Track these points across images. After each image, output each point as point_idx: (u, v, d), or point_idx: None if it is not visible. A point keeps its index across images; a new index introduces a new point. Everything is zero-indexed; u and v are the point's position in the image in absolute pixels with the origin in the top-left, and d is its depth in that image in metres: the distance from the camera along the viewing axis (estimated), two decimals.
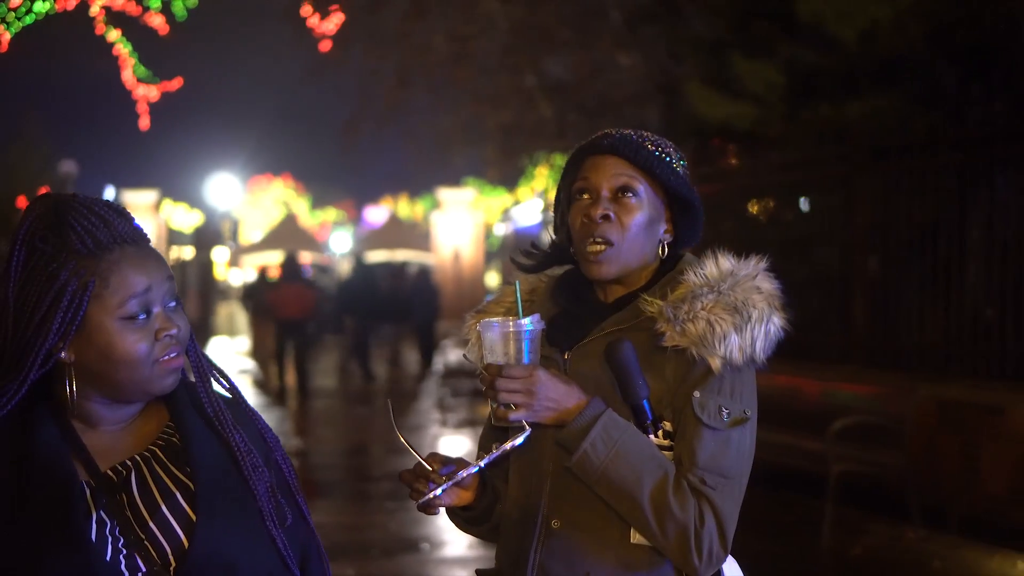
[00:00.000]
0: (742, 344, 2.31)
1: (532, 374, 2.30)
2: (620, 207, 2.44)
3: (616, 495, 2.30)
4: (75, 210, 1.99)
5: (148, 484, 2.01)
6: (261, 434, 2.21)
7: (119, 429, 2.09)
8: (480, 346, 2.48)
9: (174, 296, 2.06)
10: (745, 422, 2.35)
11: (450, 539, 8.46)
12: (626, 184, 2.45)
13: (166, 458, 2.06)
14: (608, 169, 2.46)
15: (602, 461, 2.28)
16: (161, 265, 2.05)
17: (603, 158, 2.48)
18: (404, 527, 8.75)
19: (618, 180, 2.45)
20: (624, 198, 2.45)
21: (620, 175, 2.46)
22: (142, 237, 2.06)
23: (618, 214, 2.43)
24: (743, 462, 2.36)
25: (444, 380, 19.64)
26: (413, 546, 8.25)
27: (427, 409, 16.44)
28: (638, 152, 2.46)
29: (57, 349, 1.97)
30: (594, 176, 2.47)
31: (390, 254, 31.24)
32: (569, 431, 2.31)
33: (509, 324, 2.32)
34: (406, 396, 18.16)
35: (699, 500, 2.29)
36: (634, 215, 2.44)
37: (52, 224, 1.97)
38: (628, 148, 2.46)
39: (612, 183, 2.45)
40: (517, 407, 2.30)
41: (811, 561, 7.79)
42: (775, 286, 2.40)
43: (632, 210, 2.44)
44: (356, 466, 12.27)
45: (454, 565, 7.81)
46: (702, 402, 2.31)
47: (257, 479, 2.09)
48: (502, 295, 2.69)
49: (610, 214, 2.43)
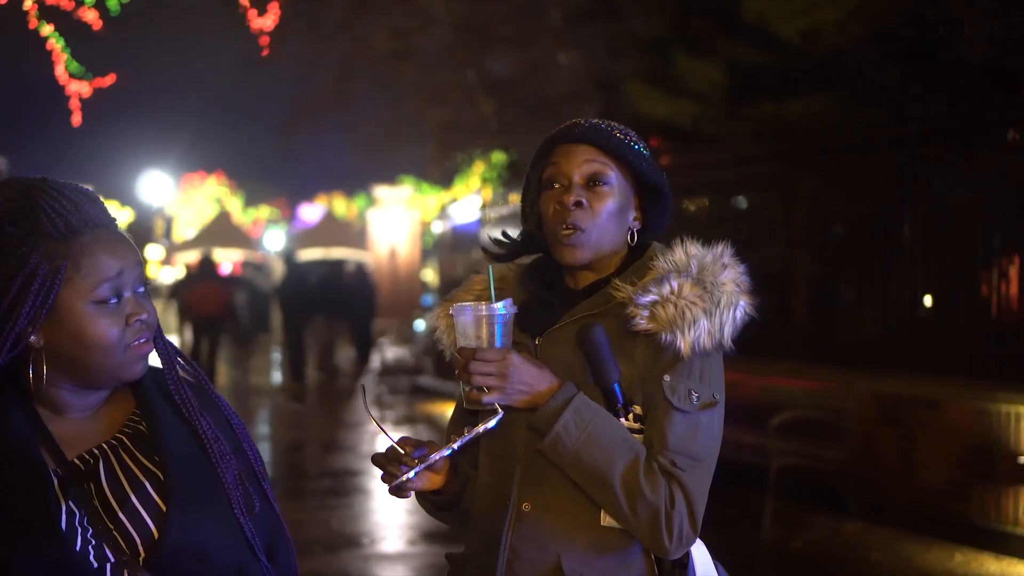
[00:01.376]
0: (711, 329, 2.33)
1: (506, 357, 2.31)
2: (592, 194, 2.46)
3: (588, 477, 2.31)
4: (46, 193, 1.95)
5: (116, 473, 1.98)
6: (227, 420, 2.18)
7: (86, 416, 2.06)
8: (451, 332, 2.51)
9: (143, 281, 2.04)
10: (714, 406, 2.38)
11: (390, 535, 8.44)
12: (598, 171, 2.47)
13: (134, 446, 2.03)
14: (579, 156, 2.48)
15: (574, 443, 2.30)
16: (132, 250, 2.02)
17: (574, 146, 2.49)
18: (345, 523, 8.71)
19: (590, 167, 2.47)
20: (596, 186, 2.46)
21: (592, 162, 2.47)
22: (112, 221, 2.03)
23: (590, 201, 2.45)
24: (712, 445, 2.38)
25: (381, 377, 19.58)
26: (355, 542, 8.21)
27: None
28: (609, 140, 2.48)
29: (27, 334, 1.93)
30: (565, 164, 2.48)
31: (325, 252, 31.04)
32: (541, 414, 2.32)
33: (482, 308, 2.33)
34: (343, 394, 18.09)
35: (670, 482, 2.30)
36: (605, 202, 2.46)
37: (22, 207, 1.93)
38: (599, 136, 2.48)
39: (584, 170, 2.47)
40: (490, 390, 2.31)
41: (752, 555, 7.82)
42: (741, 271, 2.44)
43: (603, 197, 2.46)
44: (293, 463, 12.19)
45: (396, 561, 7.79)
46: (672, 386, 2.34)
47: (225, 467, 2.06)
48: (471, 282, 2.69)
49: (582, 201, 2.44)
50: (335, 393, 18.36)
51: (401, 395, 17.26)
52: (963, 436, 7.87)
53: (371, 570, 7.60)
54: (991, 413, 7.69)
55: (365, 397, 2.79)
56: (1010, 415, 7.55)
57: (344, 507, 9.24)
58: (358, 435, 13.43)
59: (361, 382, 18.23)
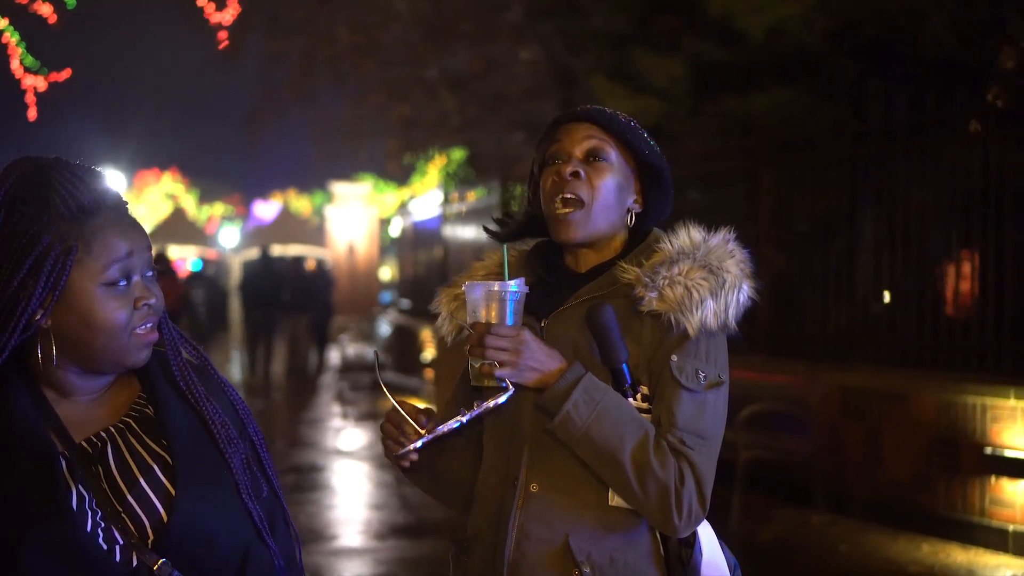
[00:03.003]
0: (717, 309, 2.37)
1: (519, 334, 2.33)
2: (591, 168, 2.48)
3: (598, 456, 2.33)
4: (59, 173, 1.93)
5: (125, 457, 1.97)
6: (233, 405, 2.18)
7: (92, 399, 2.04)
8: (450, 319, 2.59)
9: (151, 266, 2.03)
10: (720, 385, 2.41)
11: (355, 530, 8.44)
12: (597, 146, 2.50)
13: (141, 430, 2.02)
14: (580, 133, 2.51)
15: (584, 422, 2.31)
16: (142, 233, 2.01)
17: (576, 124, 2.53)
18: (310, 519, 8.69)
19: (590, 143, 2.50)
20: (595, 161, 2.49)
21: (592, 138, 2.50)
22: (123, 204, 2.02)
23: (588, 174, 2.47)
24: (718, 424, 2.42)
25: (342, 374, 19.53)
26: (320, 536, 8.19)
27: (327, 402, 16.33)
28: (612, 120, 2.52)
29: (37, 315, 1.91)
30: (567, 140, 2.52)
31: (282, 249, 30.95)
32: (551, 393, 2.33)
33: (494, 286, 2.34)
34: (304, 390, 18.02)
35: (679, 460, 2.33)
36: (604, 176, 2.48)
37: (35, 186, 1.92)
38: (602, 115, 2.53)
39: (584, 146, 2.50)
40: (502, 365, 2.31)
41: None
42: (744, 255, 2.47)
43: (602, 171, 2.49)
44: None
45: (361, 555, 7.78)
46: (680, 365, 2.36)
47: (232, 451, 2.06)
48: (473, 269, 2.72)
49: (580, 172, 2.47)
50: (297, 389, 18.28)
51: (362, 391, 17.22)
52: (929, 428, 7.94)
53: (337, 565, 7.58)
54: (957, 405, 7.76)
55: (378, 363, 2.83)
56: (976, 407, 7.62)
57: (309, 502, 9.21)
58: (321, 431, 13.38)
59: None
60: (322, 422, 14.18)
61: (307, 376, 20.03)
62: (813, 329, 9.50)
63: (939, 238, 8.55)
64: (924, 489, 7.96)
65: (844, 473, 8.54)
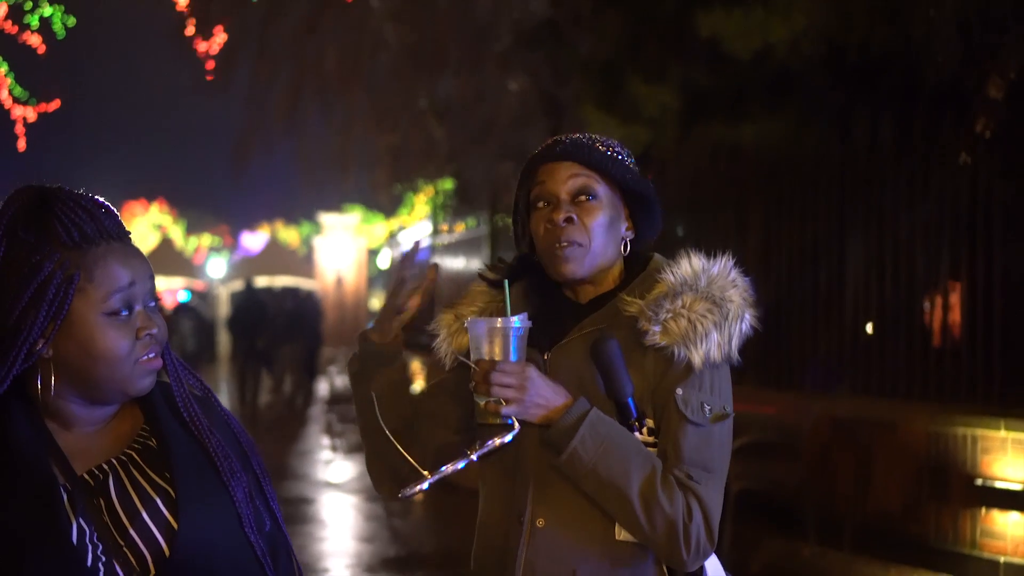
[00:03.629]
0: (721, 341, 2.37)
1: (524, 370, 2.31)
2: (581, 210, 2.46)
3: (605, 491, 2.32)
4: (62, 201, 1.93)
5: (127, 489, 1.94)
6: (236, 437, 2.16)
7: (94, 431, 2.02)
8: (452, 339, 2.57)
9: (154, 296, 2.02)
10: (726, 418, 2.41)
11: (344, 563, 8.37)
12: (583, 185, 2.47)
13: (144, 462, 2.00)
14: (563, 173, 2.48)
15: (591, 458, 2.30)
16: (145, 263, 2.00)
17: (557, 164, 2.50)
18: (301, 552, 8.62)
19: (575, 183, 2.47)
20: (584, 201, 2.47)
21: (576, 177, 2.48)
22: (126, 234, 2.01)
23: (580, 216, 2.45)
24: (724, 456, 2.42)
25: (330, 406, 19.46)
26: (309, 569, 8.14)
27: (315, 434, 16.27)
28: (591, 153, 2.49)
29: (39, 344, 1.90)
30: (550, 182, 2.49)
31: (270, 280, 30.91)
32: (557, 429, 2.32)
33: (497, 322, 2.33)
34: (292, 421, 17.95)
35: (686, 494, 2.32)
36: (595, 216, 2.47)
37: (37, 214, 1.91)
38: (580, 151, 2.49)
39: (569, 187, 2.47)
40: (508, 402, 2.30)
41: None
42: (746, 283, 2.49)
43: (593, 211, 2.47)
44: None
45: None
46: (685, 399, 2.36)
47: (235, 484, 2.04)
48: (472, 294, 2.70)
49: (572, 217, 2.45)
50: (286, 420, 18.21)
51: (351, 423, 17.13)
52: (919, 458, 7.92)
53: None
54: (947, 435, 7.74)
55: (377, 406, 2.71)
56: (966, 437, 7.61)
57: (298, 535, 9.15)
58: (310, 462, 13.33)
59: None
60: (311, 454, 14.13)
61: (295, 407, 19.96)
62: (802, 358, 9.48)
63: (928, 266, 8.55)
64: (914, 520, 7.93)
65: (834, 504, 8.51)
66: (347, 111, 17.87)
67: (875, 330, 9.01)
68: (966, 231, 8.16)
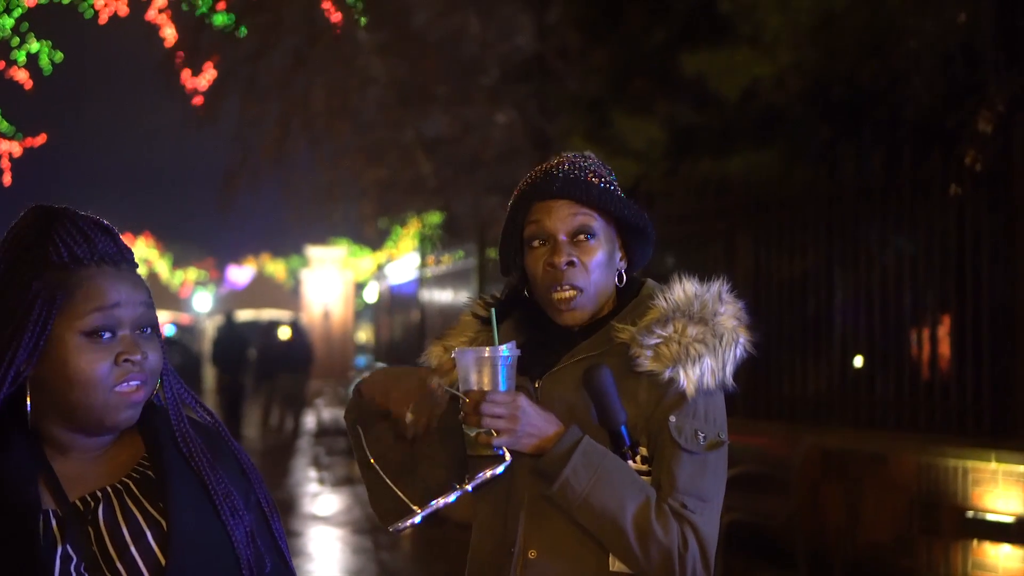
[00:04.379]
0: (714, 367, 2.34)
1: (515, 400, 2.27)
2: (580, 250, 2.42)
3: (598, 522, 2.28)
4: (60, 222, 1.90)
5: (117, 520, 1.88)
6: (244, 472, 2.09)
7: (92, 457, 1.96)
8: (442, 371, 2.50)
9: (151, 324, 1.95)
10: (721, 445, 2.38)
11: None
12: (583, 224, 2.43)
13: (140, 492, 1.94)
14: (561, 212, 2.43)
15: (584, 488, 2.26)
16: (138, 289, 1.95)
17: (554, 202, 2.44)
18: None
19: (574, 222, 2.42)
20: (583, 241, 2.42)
21: (575, 216, 2.42)
22: (124, 259, 1.96)
23: (580, 257, 2.41)
24: (720, 484, 2.38)
25: (318, 438, 19.39)
26: None
27: (303, 467, 16.20)
28: (588, 191, 2.43)
29: (24, 366, 1.86)
30: (548, 221, 2.43)
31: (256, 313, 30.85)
32: (549, 458, 2.29)
33: (485, 351, 2.29)
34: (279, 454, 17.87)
35: (681, 524, 2.28)
36: (595, 256, 2.43)
37: (37, 233, 1.89)
38: (578, 189, 2.43)
39: (568, 226, 2.42)
40: (499, 433, 2.26)
41: None
42: (740, 306, 2.45)
43: (592, 252, 2.43)
44: None
45: None
46: (679, 426, 2.32)
47: (235, 524, 1.97)
48: (463, 324, 2.65)
49: (574, 260, 2.40)
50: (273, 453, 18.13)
51: (339, 456, 17.08)
52: (910, 491, 7.91)
53: None
54: (937, 467, 7.74)
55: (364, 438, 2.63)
56: (957, 469, 7.60)
57: None
58: (297, 495, 13.25)
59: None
60: (298, 487, 14.06)
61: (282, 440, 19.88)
62: (791, 390, 9.49)
63: (917, 299, 8.57)
64: (905, 553, 7.92)
65: (824, 536, 8.50)
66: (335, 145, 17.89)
67: (865, 362, 9.02)
68: (954, 264, 8.18)
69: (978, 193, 8.02)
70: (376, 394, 2.43)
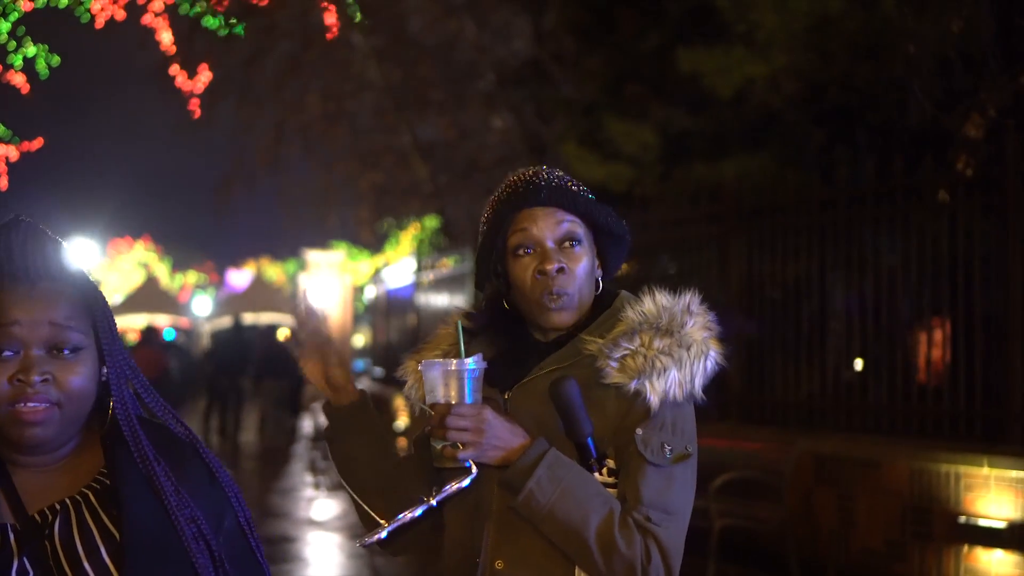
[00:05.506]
0: (682, 380, 2.33)
1: (480, 413, 2.28)
2: (567, 257, 2.44)
3: (562, 533, 2.28)
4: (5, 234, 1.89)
5: (73, 533, 1.85)
6: (222, 488, 2.03)
7: (51, 468, 1.93)
8: (417, 387, 2.52)
9: (71, 345, 1.89)
10: (688, 458, 2.36)
11: None
12: (570, 231, 2.45)
13: (98, 503, 1.90)
14: (549, 219, 2.44)
15: (548, 500, 2.26)
16: (51, 308, 1.88)
17: (541, 210, 2.45)
18: None
19: (561, 229, 2.44)
20: (569, 248, 2.44)
21: (562, 223, 2.45)
22: (48, 276, 1.91)
23: (569, 265, 2.43)
24: (687, 498, 2.37)
25: (314, 443, 19.37)
26: None
27: (299, 472, 16.18)
28: (575, 200, 2.46)
29: None
30: (536, 229, 2.45)
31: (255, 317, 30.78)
32: (514, 470, 2.29)
33: (451, 364, 2.29)
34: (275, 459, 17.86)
35: (645, 537, 2.27)
36: (581, 261, 2.45)
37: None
38: (565, 197, 2.45)
39: (556, 234, 2.44)
40: (465, 446, 2.26)
41: None
42: (711, 319, 2.43)
43: (579, 258, 2.45)
44: None
45: None
46: (645, 439, 2.31)
47: (197, 549, 1.91)
48: (438, 337, 2.66)
49: (564, 267, 2.42)
50: (268, 458, 18.12)
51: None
52: (902, 496, 7.91)
53: None
54: (930, 473, 7.74)
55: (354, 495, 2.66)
56: (949, 474, 7.60)
57: (279, 574, 9.07)
58: (292, 501, 13.24)
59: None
60: (294, 491, 14.04)
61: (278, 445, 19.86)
62: (784, 395, 9.48)
63: (909, 305, 8.57)
64: (898, 558, 7.92)
65: (817, 541, 8.50)
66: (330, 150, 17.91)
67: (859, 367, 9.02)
68: (947, 270, 8.18)
69: (970, 199, 8.03)
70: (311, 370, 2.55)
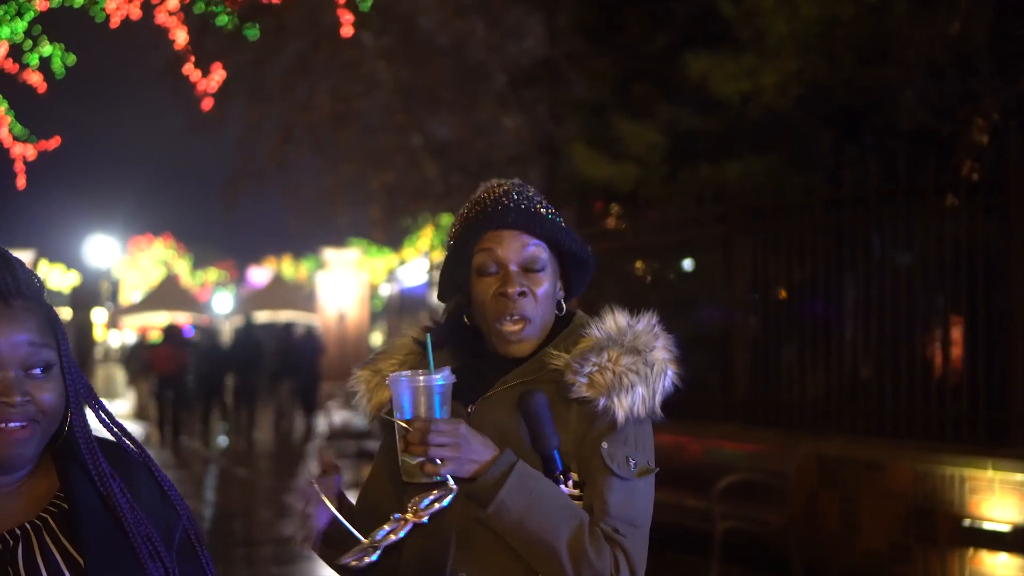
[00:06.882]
0: (645, 395, 2.36)
1: (458, 428, 2.30)
2: (531, 281, 2.46)
3: (532, 545, 2.30)
4: None
5: (36, 560, 1.84)
6: (174, 509, 2.02)
7: (8, 491, 1.91)
8: (372, 395, 2.55)
9: (43, 363, 1.88)
10: (650, 472, 2.41)
11: None
12: (533, 255, 2.47)
13: (58, 527, 1.89)
14: (514, 243, 2.46)
15: (519, 512, 2.28)
16: (23, 328, 1.87)
17: (507, 232, 2.47)
18: None
19: (526, 253, 2.46)
20: (533, 272, 2.46)
21: (527, 247, 2.47)
22: (18, 295, 1.89)
23: (530, 288, 2.45)
24: (648, 510, 2.41)
25: (329, 441, 19.42)
26: None
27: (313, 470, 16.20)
28: (542, 224, 2.47)
29: None
30: (500, 251, 2.46)
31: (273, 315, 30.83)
32: (483, 482, 2.31)
33: (420, 379, 2.30)
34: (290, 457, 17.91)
35: (613, 548, 2.31)
36: (543, 286, 2.47)
37: None
38: (531, 222, 2.47)
39: (520, 257, 2.46)
40: (444, 461, 2.28)
41: None
42: (670, 340, 2.47)
43: (541, 283, 2.47)
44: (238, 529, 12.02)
45: None
46: (611, 453, 2.35)
47: (153, 568, 1.90)
48: (394, 348, 2.67)
49: (526, 290, 2.44)
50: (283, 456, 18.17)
51: (348, 459, 17.10)
52: (906, 499, 7.89)
53: None
54: (934, 475, 7.71)
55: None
56: (954, 477, 7.58)
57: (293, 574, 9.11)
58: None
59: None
60: None
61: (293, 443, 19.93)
62: (790, 397, 9.46)
63: (913, 307, 8.53)
64: (902, 561, 7.89)
65: (821, 544, 8.48)
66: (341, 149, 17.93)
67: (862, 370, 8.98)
68: (951, 272, 8.15)
69: (974, 201, 8.00)
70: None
